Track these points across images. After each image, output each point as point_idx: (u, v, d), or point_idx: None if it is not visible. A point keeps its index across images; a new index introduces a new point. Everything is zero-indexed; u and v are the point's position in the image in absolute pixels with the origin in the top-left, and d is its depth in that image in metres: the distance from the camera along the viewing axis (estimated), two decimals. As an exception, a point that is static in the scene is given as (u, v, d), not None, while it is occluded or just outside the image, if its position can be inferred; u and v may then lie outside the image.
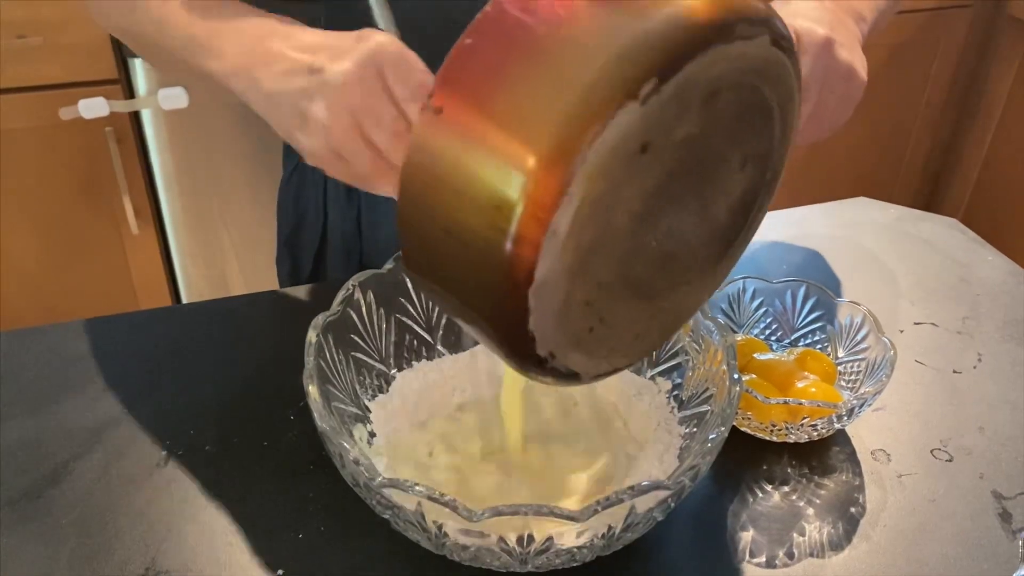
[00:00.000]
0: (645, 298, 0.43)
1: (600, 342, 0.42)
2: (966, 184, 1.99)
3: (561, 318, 0.39)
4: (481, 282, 0.38)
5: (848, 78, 0.60)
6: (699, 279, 0.46)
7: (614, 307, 0.41)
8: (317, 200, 0.88)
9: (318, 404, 0.50)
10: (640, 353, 0.47)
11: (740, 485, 0.60)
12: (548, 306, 0.38)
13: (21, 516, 0.57)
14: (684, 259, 0.44)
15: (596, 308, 0.40)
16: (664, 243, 0.41)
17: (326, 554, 0.55)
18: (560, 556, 0.48)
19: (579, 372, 0.42)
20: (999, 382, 0.70)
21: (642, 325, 0.44)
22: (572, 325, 0.40)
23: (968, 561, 0.55)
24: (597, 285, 0.40)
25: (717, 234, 0.45)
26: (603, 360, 0.43)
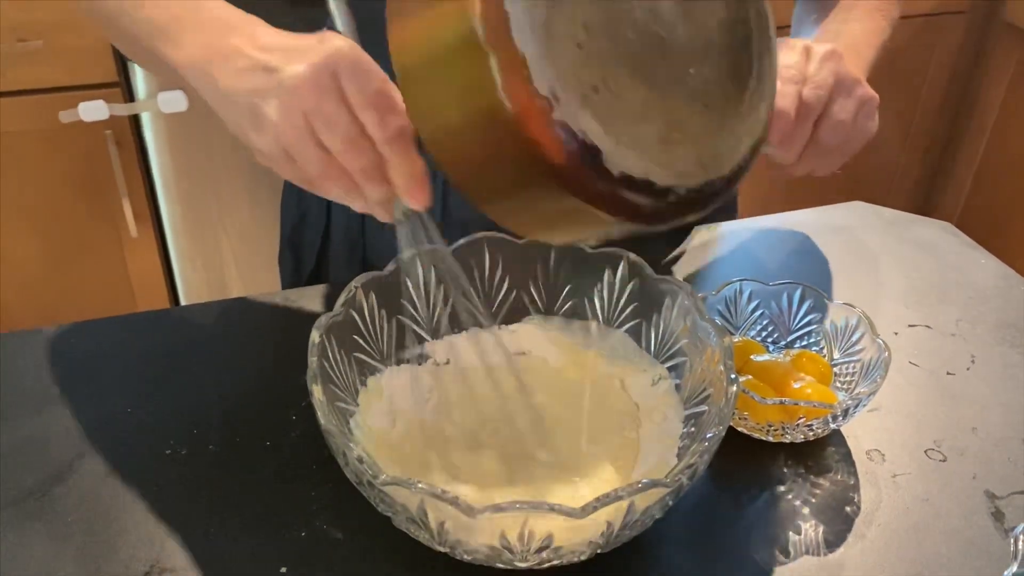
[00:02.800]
0: (649, 84, 0.43)
1: (613, 115, 0.42)
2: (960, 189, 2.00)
3: (549, 43, 0.39)
4: (460, 16, 0.39)
5: (857, 84, 0.63)
6: (717, 108, 0.47)
7: (614, 72, 0.42)
8: (320, 199, 0.88)
9: (322, 404, 0.51)
10: (677, 174, 0.45)
11: (737, 484, 0.61)
12: (528, 18, 0.39)
13: (26, 514, 0.57)
14: (684, 58, 0.45)
15: (592, 59, 0.41)
16: (650, 21, 0.43)
17: (329, 552, 0.55)
18: (560, 553, 0.49)
19: (600, 148, 0.41)
20: (992, 384, 0.71)
21: (661, 126, 0.44)
22: (568, 65, 0.40)
23: (961, 559, 0.56)
24: (583, 27, 0.41)
25: (718, 56, 0.46)
26: (628, 150, 0.42)
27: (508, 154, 0.41)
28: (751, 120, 0.49)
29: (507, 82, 0.39)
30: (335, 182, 0.51)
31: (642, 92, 0.43)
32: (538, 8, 0.39)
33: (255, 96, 0.50)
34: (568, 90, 0.40)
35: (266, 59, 0.50)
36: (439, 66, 0.42)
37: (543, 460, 0.58)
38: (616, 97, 0.42)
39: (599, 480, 0.57)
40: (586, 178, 0.41)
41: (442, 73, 0.42)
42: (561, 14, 0.40)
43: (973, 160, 1.95)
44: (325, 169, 0.50)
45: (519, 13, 0.39)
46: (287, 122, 0.49)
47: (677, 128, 0.45)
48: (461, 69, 0.41)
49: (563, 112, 0.40)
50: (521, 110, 0.39)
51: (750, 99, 0.48)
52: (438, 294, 0.66)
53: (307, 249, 0.91)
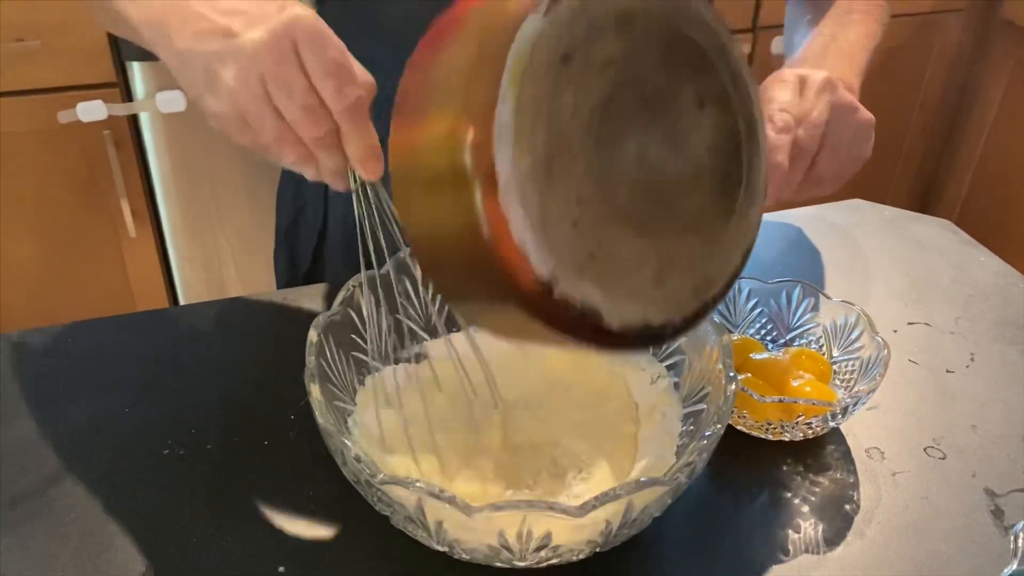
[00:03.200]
0: (643, 232, 0.44)
1: (610, 275, 0.42)
2: (960, 187, 2.00)
3: (546, 231, 0.40)
4: (459, 209, 0.40)
5: (853, 111, 0.63)
6: (708, 232, 0.47)
7: (608, 233, 0.42)
8: (317, 194, 0.88)
9: (320, 403, 0.51)
10: (673, 307, 0.46)
11: (736, 483, 0.61)
12: (525, 214, 0.39)
13: (24, 515, 0.57)
14: (674, 195, 0.45)
15: (586, 230, 0.41)
16: (641, 171, 0.43)
17: (327, 551, 0.55)
18: (558, 552, 0.49)
19: (601, 311, 0.42)
20: (991, 381, 0.71)
21: (656, 268, 0.44)
22: (565, 245, 0.41)
23: (961, 557, 0.56)
24: (577, 202, 0.41)
25: (708, 180, 0.46)
26: (626, 303, 0.43)
27: (505, 308, 0.42)
28: (742, 229, 0.49)
29: (508, 269, 0.40)
30: (290, 149, 0.51)
31: (636, 243, 0.43)
32: (532, 201, 0.40)
33: (213, 59, 0.50)
34: (566, 268, 0.41)
35: (226, 23, 0.49)
36: (441, 235, 0.43)
37: (542, 458, 0.58)
38: (611, 257, 0.42)
39: (598, 479, 0.57)
40: (586, 332, 0.43)
41: (444, 237, 0.43)
42: (555, 198, 0.40)
43: (972, 158, 1.95)
44: (280, 135, 0.50)
45: (516, 212, 0.39)
46: (244, 87, 0.49)
47: (670, 264, 0.45)
48: (462, 242, 0.41)
49: (563, 288, 0.41)
50: (523, 290, 0.41)
51: (740, 208, 0.48)
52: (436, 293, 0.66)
53: (303, 246, 0.91)
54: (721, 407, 0.52)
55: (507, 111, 0.39)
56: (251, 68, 0.48)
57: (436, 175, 0.41)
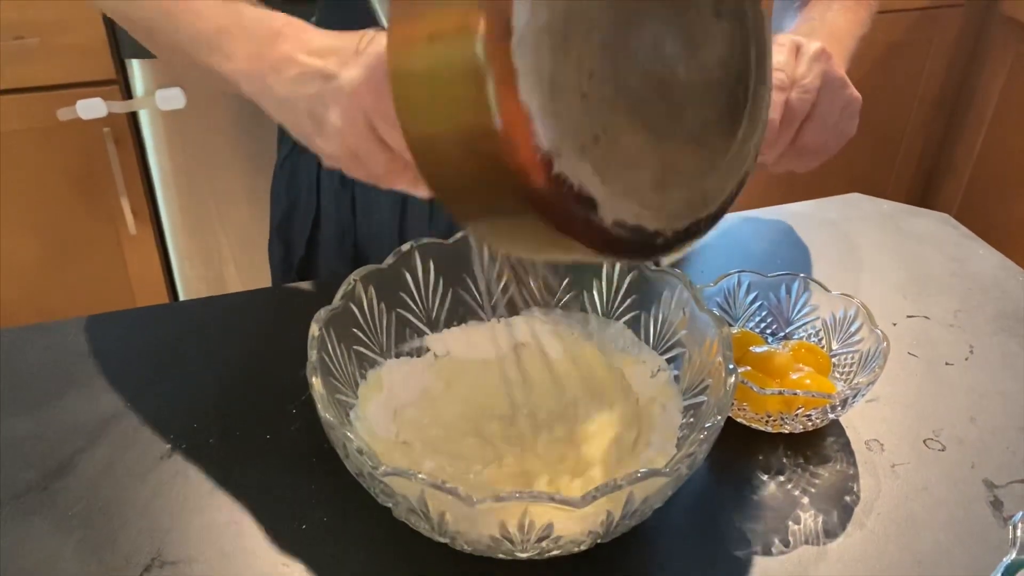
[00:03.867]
0: (649, 129, 0.43)
1: (610, 165, 0.42)
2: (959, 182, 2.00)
3: (554, 97, 0.39)
4: (464, 51, 0.38)
5: (844, 85, 0.64)
6: (710, 148, 0.47)
7: (615, 119, 0.41)
8: (310, 186, 0.88)
9: (322, 396, 0.51)
10: (666, 217, 0.45)
11: (736, 475, 0.61)
12: (535, 72, 0.38)
13: (27, 509, 0.58)
14: (683, 99, 0.44)
15: (594, 109, 0.40)
16: (654, 63, 0.42)
17: (329, 543, 0.56)
18: (559, 543, 0.49)
19: (596, 200, 0.41)
20: (990, 373, 0.71)
21: (656, 171, 0.44)
22: (571, 118, 0.40)
23: (960, 547, 0.56)
24: (588, 75, 0.40)
25: (716, 94, 0.46)
26: (622, 199, 0.42)
27: (500, 190, 0.41)
28: (741, 156, 0.48)
29: (510, 134, 0.39)
30: (400, 177, 0.52)
31: (640, 138, 0.43)
32: (545, 61, 0.38)
33: (315, 103, 0.51)
34: (569, 144, 0.40)
35: (320, 65, 0.51)
36: (440, 96, 0.41)
37: (542, 451, 0.59)
38: (614, 145, 0.41)
39: (599, 470, 0.57)
40: (578, 223, 0.42)
41: (442, 101, 0.41)
42: (568, 65, 0.39)
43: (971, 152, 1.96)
44: (389, 167, 0.51)
45: (527, 68, 0.38)
46: (350, 126, 0.50)
47: (671, 171, 0.44)
48: (463, 106, 0.40)
49: (562, 165, 0.40)
50: (521, 161, 0.39)
51: (742, 136, 0.48)
52: (437, 287, 0.66)
53: (297, 238, 0.91)
54: (721, 399, 0.53)
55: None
56: (354, 106, 0.49)
57: (442, 22, 0.39)
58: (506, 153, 0.39)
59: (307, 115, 0.52)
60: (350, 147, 0.51)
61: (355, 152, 0.51)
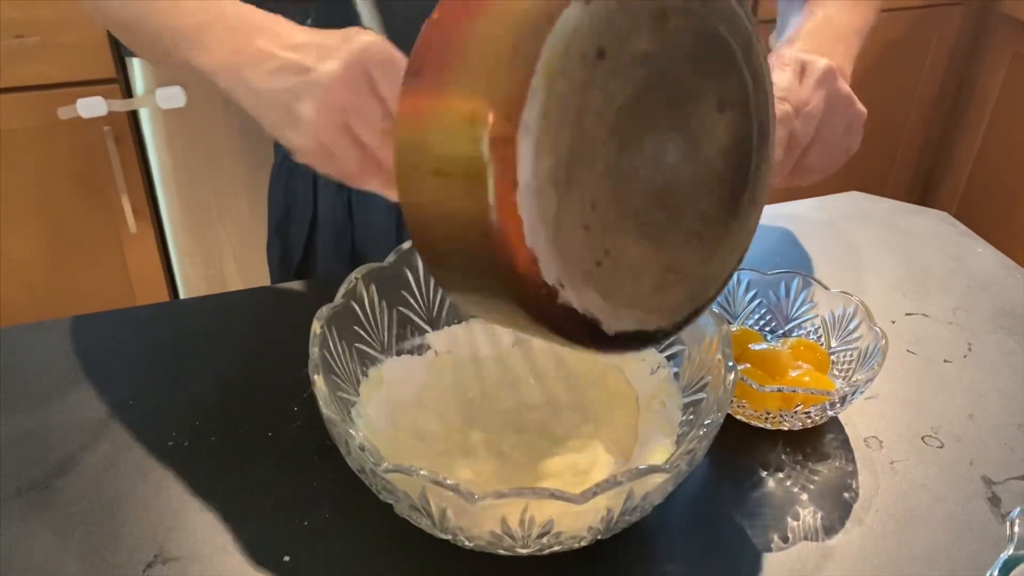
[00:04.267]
0: (650, 239, 0.43)
1: (613, 283, 0.42)
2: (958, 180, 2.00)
3: (559, 237, 0.39)
4: (471, 203, 0.38)
5: (849, 104, 0.63)
6: (712, 238, 0.46)
7: (617, 240, 0.41)
8: (307, 187, 0.88)
9: (324, 393, 0.51)
10: (667, 314, 0.46)
11: (736, 471, 0.62)
12: (541, 219, 0.38)
13: (29, 506, 0.58)
14: (685, 201, 0.44)
15: (597, 236, 0.41)
16: (656, 175, 0.42)
17: (331, 540, 0.56)
18: (560, 539, 0.49)
19: (600, 319, 0.42)
20: (988, 371, 0.72)
21: (657, 275, 0.44)
22: (574, 251, 0.40)
23: (958, 544, 0.57)
24: (592, 206, 0.40)
25: (717, 185, 0.46)
26: (624, 311, 0.43)
27: (504, 306, 0.41)
28: (743, 235, 0.48)
29: (517, 271, 0.39)
30: (373, 176, 0.52)
31: (642, 248, 0.43)
32: (549, 205, 0.38)
33: (289, 97, 0.50)
34: (574, 274, 0.40)
35: (297, 58, 0.50)
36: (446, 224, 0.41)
37: (543, 448, 0.59)
38: (617, 264, 0.42)
39: (599, 467, 0.57)
40: (581, 338, 0.42)
41: (448, 226, 0.41)
42: (571, 203, 0.39)
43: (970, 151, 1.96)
44: (363, 164, 0.51)
45: (532, 216, 0.38)
46: (324, 120, 0.49)
47: (672, 272, 0.45)
48: (467, 237, 0.40)
49: (567, 295, 0.40)
50: (528, 294, 0.40)
51: (742, 213, 0.47)
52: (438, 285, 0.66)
53: (294, 239, 0.91)
54: (721, 396, 0.53)
55: (536, 108, 0.37)
56: (329, 101, 0.49)
57: (448, 158, 0.39)
58: (512, 286, 0.39)
59: (281, 108, 0.51)
60: (323, 142, 0.50)
61: (327, 148, 0.51)
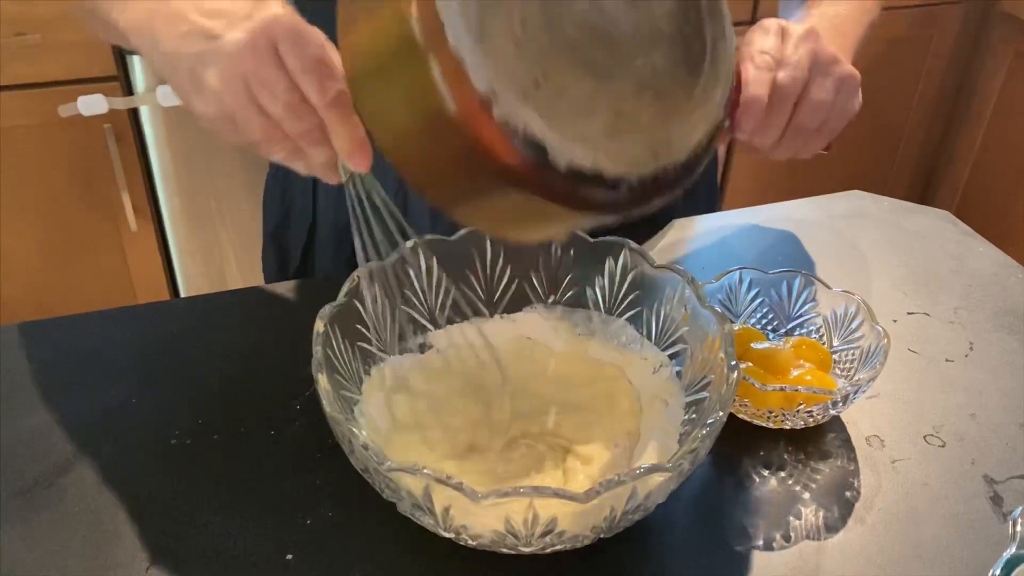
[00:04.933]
0: (594, 76, 0.43)
1: (556, 110, 0.42)
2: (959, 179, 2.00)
3: (485, 42, 0.40)
4: (398, 21, 0.39)
5: (834, 62, 0.63)
6: (669, 96, 0.47)
7: (554, 66, 0.42)
8: (305, 193, 0.88)
9: (327, 392, 0.51)
10: (627, 163, 0.45)
11: (738, 470, 0.62)
12: (463, 20, 0.39)
13: (31, 505, 0.58)
14: (630, 48, 0.45)
15: (530, 55, 0.41)
16: (592, 11, 0.43)
17: (334, 538, 0.56)
18: (563, 537, 0.49)
19: (545, 144, 0.41)
20: (990, 370, 0.72)
21: (608, 117, 0.44)
22: (506, 64, 0.40)
23: (960, 543, 0.57)
24: (521, 23, 0.41)
25: (668, 44, 0.46)
26: (575, 144, 0.43)
27: (456, 154, 0.42)
28: (707, 105, 0.49)
29: (446, 83, 0.39)
30: (278, 146, 0.52)
31: (587, 85, 0.43)
32: (471, 8, 0.39)
33: (196, 61, 0.50)
34: (507, 86, 0.40)
35: (208, 24, 0.50)
36: (384, 72, 0.43)
37: (545, 447, 0.59)
38: (558, 91, 0.42)
39: (602, 466, 0.57)
40: (534, 174, 0.42)
41: (388, 78, 0.43)
42: (496, 12, 0.40)
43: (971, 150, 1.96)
44: (267, 134, 0.51)
45: (452, 14, 0.39)
46: (228, 89, 0.49)
47: (625, 118, 0.44)
48: (404, 73, 0.41)
49: (503, 109, 0.40)
50: (462, 109, 0.40)
51: (704, 84, 0.48)
52: (440, 283, 0.66)
53: (292, 245, 0.91)
54: (723, 395, 0.53)
55: None
56: (233, 69, 0.49)
57: (383, 52, 0.41)
58: (447, 102, 0.39)
59: (188, 73, 0.51)
60: (227, 110, 0.50)
61: (232, 116, 0.51)
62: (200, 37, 0.50)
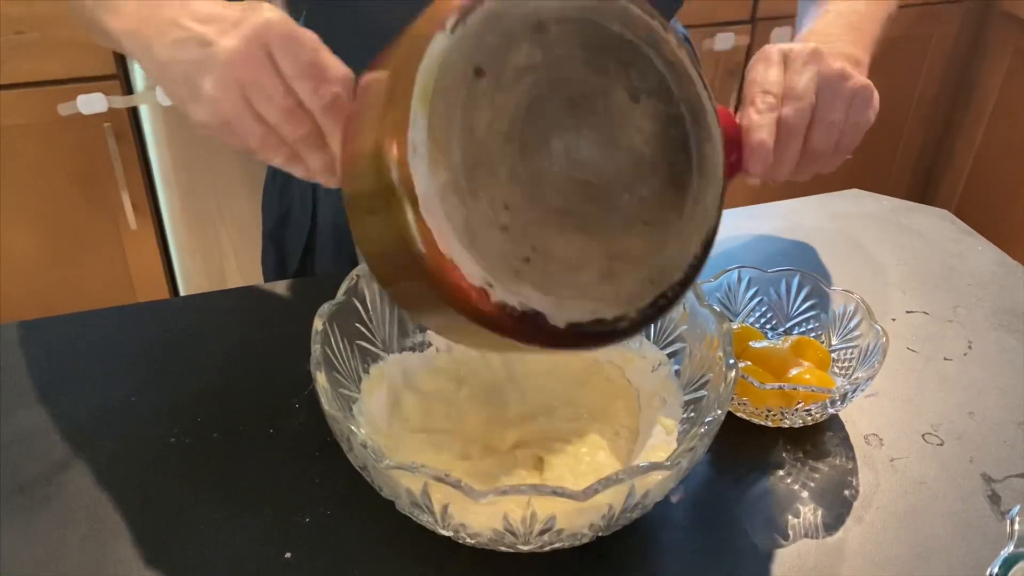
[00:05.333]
0: (584, 231, 0.44)
1: (551, 277, 0.43)
2: (958, 178, 2.00)
3: (475, 241, 0.41)
4: (394, 227, 0.41)
5: (843, 79, 0.62)
6: (660, 222, 0.47)
7: (544, 236, 0.43)
8: (304, 195, 0.88)
9: (326, 390, 0.51)
10: (624, 302, 0.46)
11: (737, 469, 0.62)
12: (450, 226, 0.40)
13: (31, 502, 0.58)
14: (616, 190, 0.45)
15: (518, 235, 0.42)
16: (572, 170, 0.43)
17: (333, 536, 0.56)
18: (561, 535, 0.49)
19: (543, 312, 0.42)
20: (988, 369, 0.72)
21: (602, 264, 0.44)
22: (496, 252, 0.41)
23: (958, 541, 0.57)
24: (504, 207, 0.42)
25: (651, 171, 0.46)
26: (571, 302, 0.43)
27: (452, 316, 0.43)
28: (698, 216, 0.48)
29: (443, 280, 0.41)
30: (275, 152, 0.52)
31: (576, 241, 0.44)
32: (455, 213, 0.40)
33: (191, 69, 0.50)
34: (501, 273, 0.41)
35: (201, 31, 0.50)
36: (388, 257, 0.44)
37: (544, 445, 0.59)
38: (549, 258, 0.43)
39: (600, 464, 0.57)
40: (533, 334, 0.43)
41: (392, 262, 0.44)
42: (479, 208, 0.41)
43: (970, 149, 1.96)
44: (264, 140, 0.51)
45: (439, 225, 0.40)
46: (224, 96, 0.49)
47: (619, 259, 0.45)
48: (401, 258, 0.42)
49: (500, 293, 0.41)
50: (461, 300, 0.41)
51: (694, 195, 0.48)
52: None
53: (291, 246, 0.90)
54: (721, 394, 0.53)
55: (419, 130, 0.40)
56: (228, 76, 0.49)
57: (371, 194, 0.42)
58: (446, 295, 0.41)
59: (183, 80, 0.51)
60: (223, 117, 0.50)
61: (228, 123, 0.51)
62: (193, 44, 0.50)
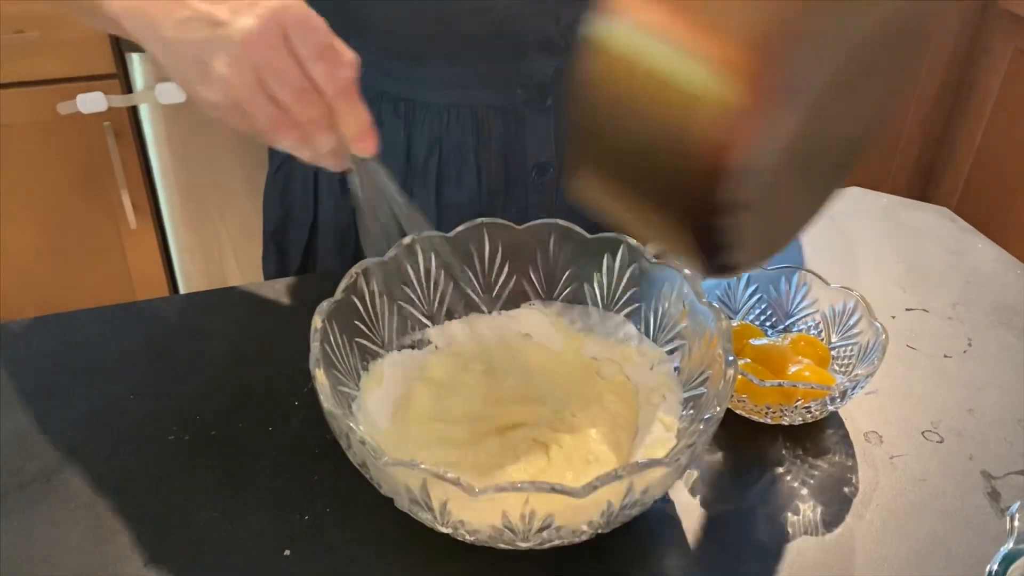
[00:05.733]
0: (803, 193, 0.43)
1: (762, 222, 0.41)
2: (958, 176, 2.00)
3: (767, 147, 0.37)
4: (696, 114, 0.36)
5: None
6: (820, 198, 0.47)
7: (786, 180, 0.41)
8: (306, 194, 0.88)
9: (325, 387, 0.51)
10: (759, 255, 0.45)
11: (736, 466, 0.62)
12: (782, 120, 0.37)
13: (30, 500, 0.58)
14: (838, 167, 0.45)
15: (784, 164, 0.39)
16: (836, 127, 0.42)
17: (332, 534, 0.56)
18: (560, 533, 0.49)
19: (735, 249, 0.40)
20: (988, 366, 0.72)
21: (791, 224, 0.45)
22: (766, 167, 0.38)
23: (958, 538, 0.57)
24: (799, 134, 0.39)
25: (837, 149, 0.46)
26: (750, 250, 0.42)
27: (667, 196, 0.39)
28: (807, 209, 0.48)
29: (708, 189, 0.37)
30: (285, 133, 0.52)
31: (795, 199, 0.43)
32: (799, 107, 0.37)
33: (202, 49, 0.49)
34: (752, 190, 0.38)
35: (209, 10, 0.49)
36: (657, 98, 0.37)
37: (543, 442, 0.59)
38: (772, 205, 0.41)
39: (599, 461, 0.57)
40: (707, 252, 0.41)
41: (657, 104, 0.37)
42: (796, 119, 0.38)
43: (970, 147, 1.96)
44: (276, 121, 0.51)
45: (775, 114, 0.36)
46: (237, 76, 0.49)
47: (796, 220, 0.45)
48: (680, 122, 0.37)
49: (730, 218, 0.38)
50: (706, 205, 0.38)
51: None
52: (439, 280, 0.66)
53: (292, 245, 0.90)
54: (721, 391, 0.53)
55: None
56: (243, 57, 0.48)
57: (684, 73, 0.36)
58: (698, 196, 0.37)
59: (192, 61, 0.50)
60: (235, 98, 0.50)
61: (239, 103, 0.50)
62: (203, 23, 0.49)
